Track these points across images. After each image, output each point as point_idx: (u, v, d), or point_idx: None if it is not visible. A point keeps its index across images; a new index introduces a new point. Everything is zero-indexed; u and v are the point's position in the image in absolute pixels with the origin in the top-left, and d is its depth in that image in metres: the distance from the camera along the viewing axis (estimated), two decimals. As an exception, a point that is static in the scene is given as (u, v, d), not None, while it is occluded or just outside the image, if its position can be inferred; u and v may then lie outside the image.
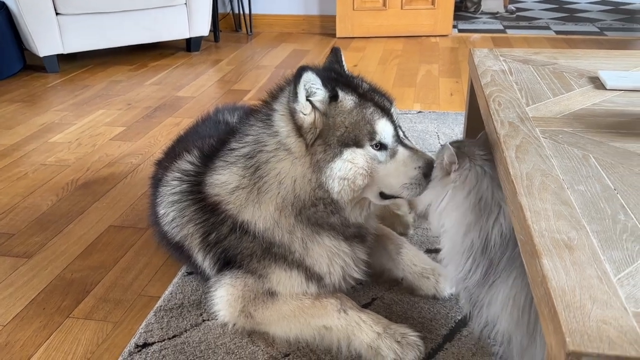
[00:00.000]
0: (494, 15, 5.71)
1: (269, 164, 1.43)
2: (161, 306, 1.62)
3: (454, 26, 5.16)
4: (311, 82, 1.35)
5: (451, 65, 4.02)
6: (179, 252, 1.66)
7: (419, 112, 3.06)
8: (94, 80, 3.85)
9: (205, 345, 1.47)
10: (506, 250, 1.14)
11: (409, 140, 1.48)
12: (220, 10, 5.16)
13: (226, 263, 1.53)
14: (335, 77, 1.46)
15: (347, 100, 1.40)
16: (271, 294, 1.50)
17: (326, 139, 1.37)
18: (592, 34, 4.88)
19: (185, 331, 1.52)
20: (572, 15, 5.62)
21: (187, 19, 4.29)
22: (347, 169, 1.38)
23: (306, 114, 1.37)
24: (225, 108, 2.15)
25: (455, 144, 1.26)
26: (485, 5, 5.79)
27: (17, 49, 3.91)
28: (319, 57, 4.27)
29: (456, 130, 2.78)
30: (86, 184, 2.40)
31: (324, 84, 1.37)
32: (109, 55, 4.33)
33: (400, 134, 1.47)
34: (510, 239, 1.14)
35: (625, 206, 0.98)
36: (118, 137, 2.89)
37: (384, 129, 1.40)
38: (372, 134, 1.38)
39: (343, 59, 1.59)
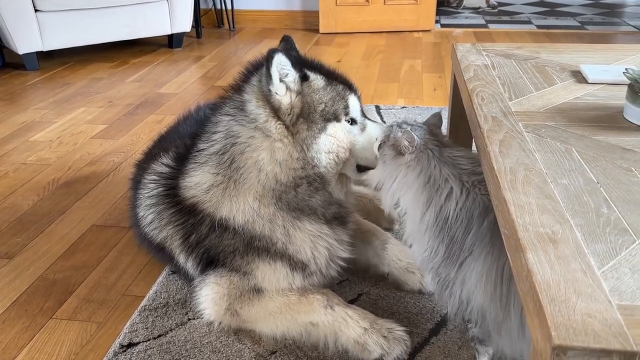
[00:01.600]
0: (476, 10, 5.74)
1: (244, 154, 1.44)
2: (146, 305, 1.60)
3: (437, 21, 5.17)
4: (282, 64, 1.39)
5: (434, 60, 4.03)
6: (160, 253, 1.65)
7: (403, 107, 3.07)
8: (75, 77, 3.81)
9: (191, 344, 1.46)
10: (471, 228, 1.16)
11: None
12: (202, 6, 5.13)
13: (209, 263, 1.53)
14: (297, 60, 1.49)
15: (317, 79, 1.47)
16: (257, 291, 1.49)
17: (308, 117, 1.43)
18: (573, 28, 4.93)
19: (171, 330, 1.51)
20: (553, 10, 5.67)
21: (168, 15, 4.25)
22: (331, 142, 1.45)
23: (282, 95, 1.41)
24: (207, 106, 2.13)
25: (408, 127, 1.30)
26: (468, 0, 5.82)
27: (-5, 47, 3.86)
28: (303, 52, 4.25)
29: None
30: (68, 183, 2.37)
31: (293, 66, 1.41)
32: (90, 52, 4.28)
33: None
34: (473, 216, 1.16)
35: (608, 199, 0.98)
36: (99, 135, 2.86)
37: (354, 105, 1.50)
38: (346, 109, 1.48)
39: (296, 45, 1.63)
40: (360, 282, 1.68)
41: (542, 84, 1.59)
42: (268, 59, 1.37)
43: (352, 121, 1.49)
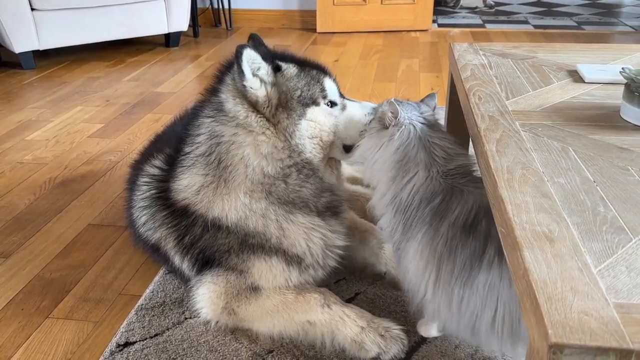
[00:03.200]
0: (473, 9, 5.74)
1: (230, 152, 1.46)
2: (142, 305, 1.60)
3: (434, 21, 5.18)
4: (252, 59, 1.41)
5: (431, 60, 4.03)
6: (156, 254, 1.66)
7: (400, 106, 3.06)
8: (71, 76, 3.80)
9: (187, 343, 1.46)
10: (418, 210, 1.23)
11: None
12: (200, 5, 5.12)
13: (205, 263, 1.53)
14: (267, 53, 1.52)
15: (290, 68, 1.49)
16: (254, 289, 1.49)
17: (286, 105, 1.45)
18: (570, 27, 4.94)
19: (168, 329, 1.51)
20: (550, 10, 5.68)
21: (165, 14, 4.24)
22: (313, 127, 1.47)
23: (257, 88, 1.43)
24: (189, 110, 2.13)
25: (398, 102, 1.35)
26: (465, 0, 5.82)
27: (-9, 46, 3.85)
28: (300, 52, 4.25)
29: (437, 124, 2.79)
30: (64, 182, 2.36)
31: (264, 59, 1.44)
32: (86, 51, 4.27)
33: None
34: (422, 201, 1.23)
35: (605, 198, 0.99)
36: (96, 134, 2.86)
37: (330, 87, 1.51)
38: (323, 92, 1.49)
39: (264, 41, 1.65)
40: (357, 281, 1.68)
41: (539, 83, 1.59)
42: (237, 55, 1.40)
43: (332, 104, 1.51)
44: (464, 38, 4.65)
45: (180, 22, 4.35)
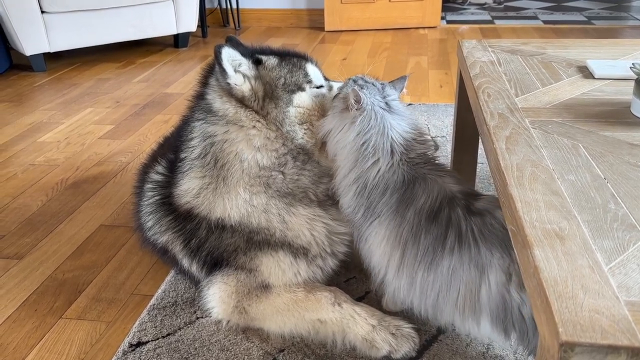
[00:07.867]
0: (481, 6, 5.72)
1: (224, 151, 1.48)
2: (154, 304, 1.61)
3: (442, 17, 5.16)
4: (232, 56, 1.45)
5: (440, 57, 4.02)
6: (164, 256, 1.67)
7: (409, 104, 3.06)
8: (82, 78, 3.83)
9: (199, 342, 1.47)
10: (383, 196, 1.28)
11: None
12: (208, 6, 5.14)
13: (214, 264, 1.54)
14: (246, 50, 1.54)
15: (270, 59, 1.52)
16: (264, 287, 1.50)
17: (272, 95, 1.47)
18: (579, 23, 4.90)
19: (179, 329, 1.52)
20: (560, 5, 5.64)
21: (174, 15, 4.26)
22: (302, 113, 1.49)
23: (240, 84, 1.46)
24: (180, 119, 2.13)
25: (363, 84, 1.37)
26: (473, -4, 5.80)
27: (2, 49, 3.87)
28: (308, 51, 4.25)
29: (446, 121, 2.79)
30: (76, 183, 2.38)
31: (243, 55, 1.47)
32: (96, 53, 4.30)
33: None
34: (387, 187, 1.28)
35: (616, 195, 0.98)
36: (107, 135, 2.88)
37: (314, 72, 1.54)
38: (307, 77, 1.52)
39: (241, 41, 1.67)
40: (368, 280, 1.68)
41: (548, 79, 1.59)
42: (216, 55, 1.42)
43: (318, 88, 1.53)
44: (473, 34, 4.63)
45: (189, 22, 4.37)
